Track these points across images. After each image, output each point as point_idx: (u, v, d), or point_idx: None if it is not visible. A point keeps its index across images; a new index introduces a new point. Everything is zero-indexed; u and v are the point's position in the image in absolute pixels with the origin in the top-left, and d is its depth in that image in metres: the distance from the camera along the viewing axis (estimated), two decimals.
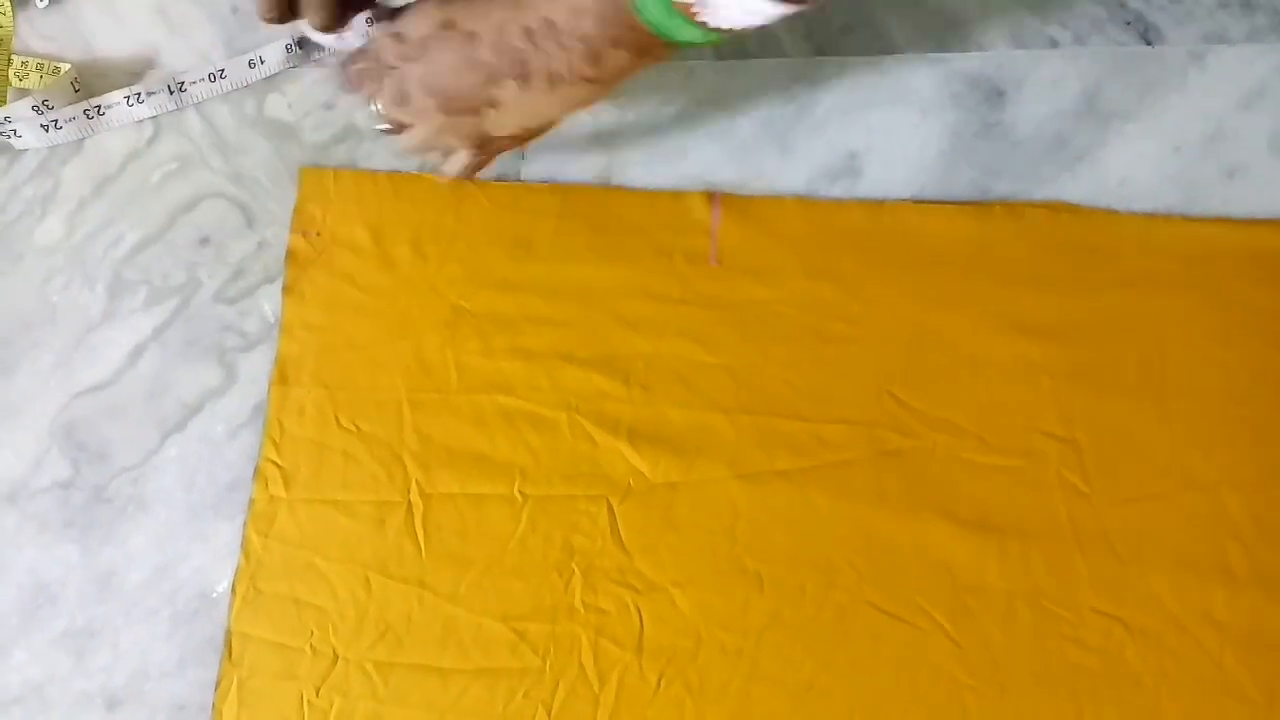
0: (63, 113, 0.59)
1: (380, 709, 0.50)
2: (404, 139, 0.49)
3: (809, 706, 0.48)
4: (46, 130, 0.59)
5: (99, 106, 0.59)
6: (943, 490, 0.49)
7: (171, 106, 0.59)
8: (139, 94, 0.59)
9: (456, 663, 0.50)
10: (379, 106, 0.49)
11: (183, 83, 0.59)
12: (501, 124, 0.46)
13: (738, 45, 0.55)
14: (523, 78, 0.44)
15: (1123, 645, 0.46)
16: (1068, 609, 0.47)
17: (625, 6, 0.40)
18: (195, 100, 0.60)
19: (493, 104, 0.45)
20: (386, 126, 0.49)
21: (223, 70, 0.59)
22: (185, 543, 0.54)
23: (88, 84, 0.60)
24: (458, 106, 0.46)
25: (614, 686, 0.49)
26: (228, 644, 0.52)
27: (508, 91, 0.45)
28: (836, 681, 0.48)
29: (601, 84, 0.43)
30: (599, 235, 0.54)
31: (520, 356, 0.53)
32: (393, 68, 0.47)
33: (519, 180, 0.56)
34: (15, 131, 0.58)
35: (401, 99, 0.48)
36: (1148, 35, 0.52)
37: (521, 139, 0.49)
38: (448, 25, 0.45)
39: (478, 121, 0.46)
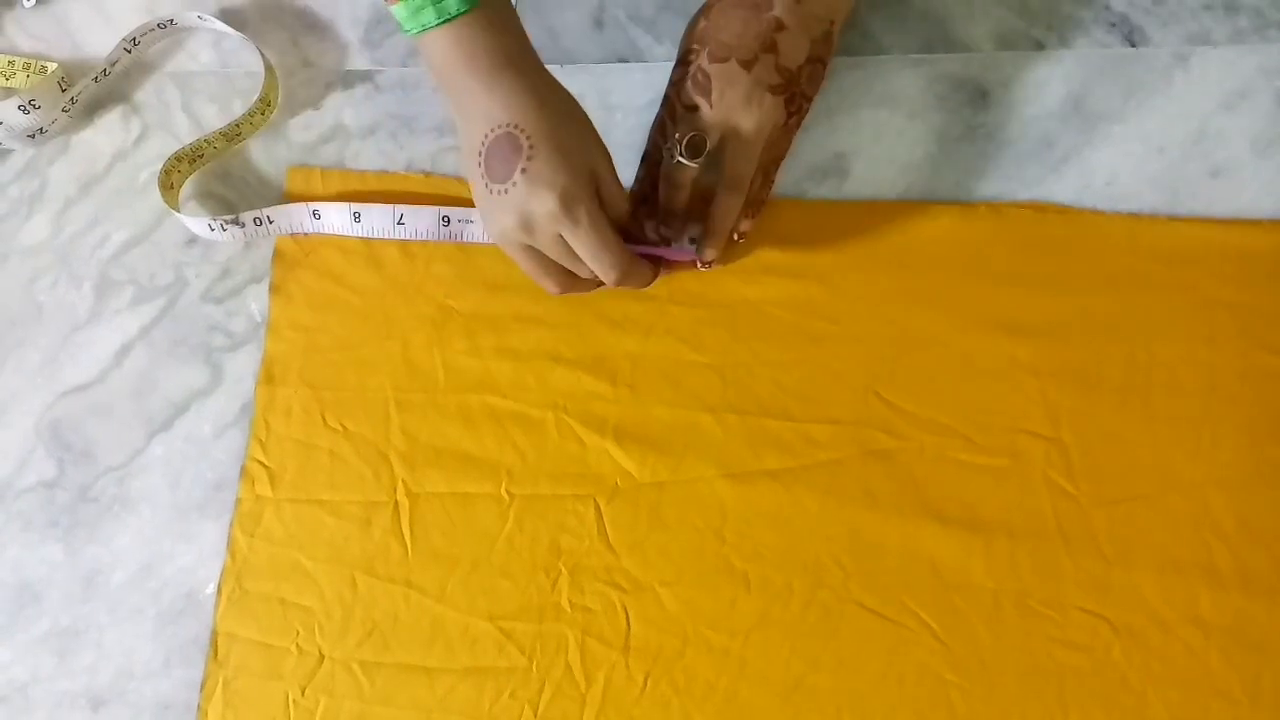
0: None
1: (366, 709, 0.50)
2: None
3: (796, 705, 0.47)
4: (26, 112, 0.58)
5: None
6: (929, 490, 0.49)
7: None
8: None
9: (443, 662, 0.50)
10: (679, 134, 0.48)
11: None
12: (795, 45, 0.48)
13: None
14: None
15: (1109, 644, 0.46)
16: (1054, 608, 0.47)
17: None
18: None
19: (778, 27, 0.48)
20: (695, 144, 0.48)
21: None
22: (171, 542, 0.54)
23: (75, 83, 0.60)
24: (750, 50, 0.47)
25: (601, 686, 0.49)
26: (213, 644, 0.52)
27: (784, 6, 0.48)
28: (823, 680, 0.48)
29: None
30: None
31: (507, 356, 0.53)
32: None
33: None
34: None
35: (699, 86, 0.48)
36: (1132, 37, 0.52)
37: (817, 63, 0.49)
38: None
39: (775, 59, 0.48)
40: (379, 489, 0.53)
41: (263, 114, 0.58)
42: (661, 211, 0.51)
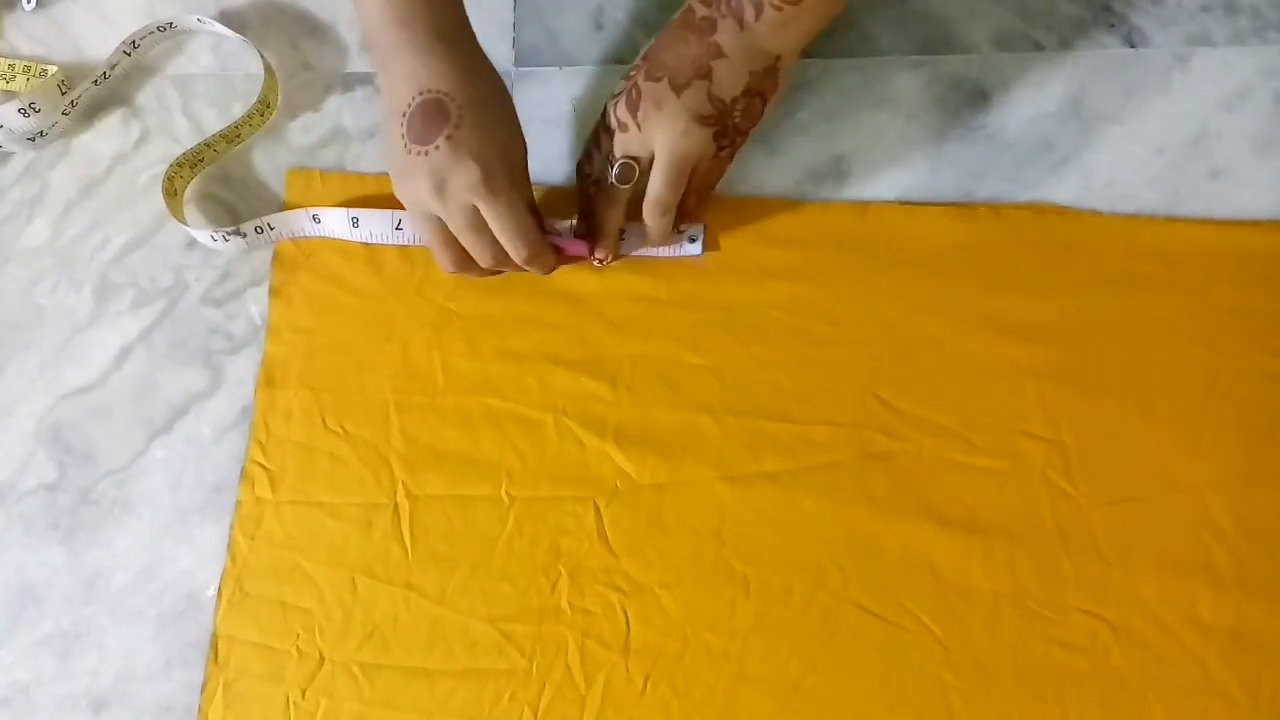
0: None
1: (366, 711, 0.50)
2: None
3: (795, 707, 0.48)
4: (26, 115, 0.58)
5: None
6: (928, 492, 0.49)
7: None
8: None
9: (443, 664, 0.50)
10: (615, 151, 0.49)
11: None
12: (732, 75, 0.47)
13: None
14: (737, 18, 0.46)
15: (1107, 646, 0.46)
16: (1053, 610, 0.47)
17: None
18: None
19: (718, 54, 0.46)
20: (625, 171, 0.49)
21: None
22: (171, 545, 0.54)
23: (75, 87, 0.60)
24: (685, 74, 0.47)
25: (600, 687, 0.49)
26: (213, 646, 0.52)
27: (727, 34, 0.46)
28: (823, 682, 0.48)
29: (806, 6, 0.45)
30: None
31: (507, 358, 0.53)
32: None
33: None
34: None
35: (630, 103, 0.48)
36: (1131, 38, 0.52)
37: (755, 98, 0.48)
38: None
39: (708, 86, 0.47)
40: (379, 491, 0.53)
41: (262, 115, 0.58)
42: (592, 222, 0.51)
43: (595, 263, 0.52)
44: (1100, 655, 0.46)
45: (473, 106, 0.46)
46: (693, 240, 0.53)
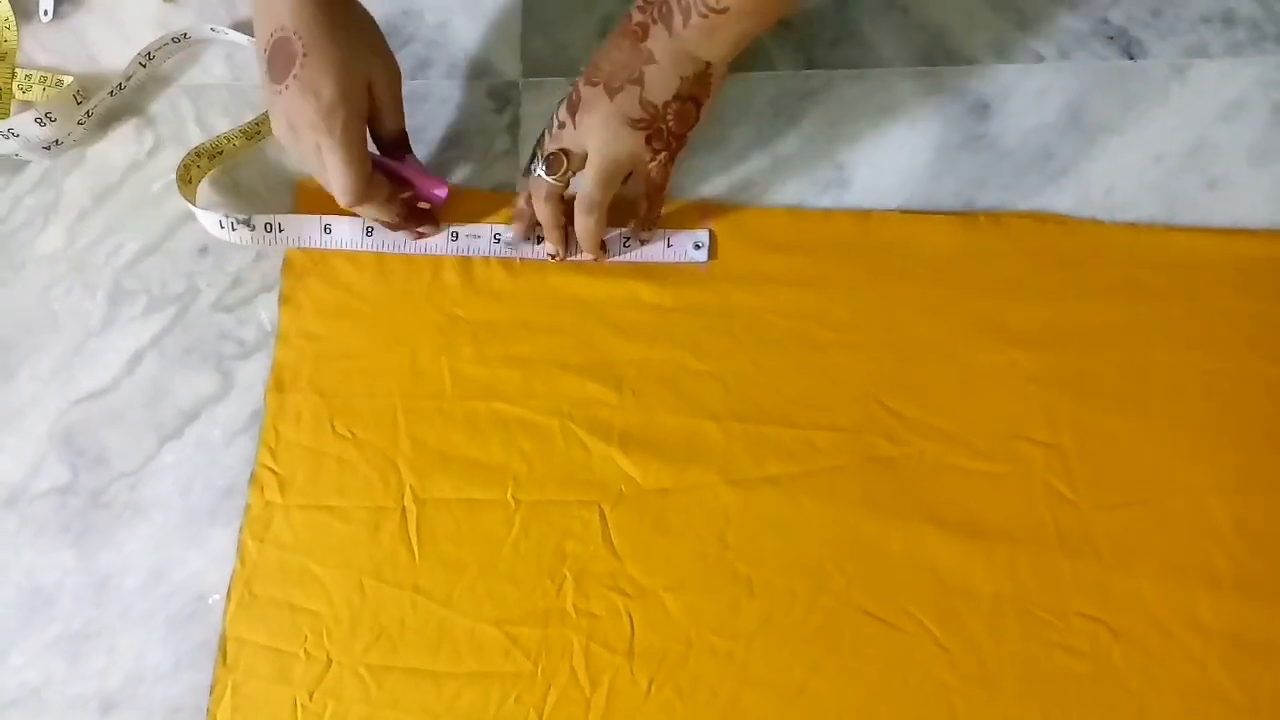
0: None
1: (374, 713, 0.51)
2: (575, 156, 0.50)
3: (799, 710, 0.48)
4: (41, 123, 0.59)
5: None
6: (931, 496, 0.49)
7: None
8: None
9: (450, 667, 0.51)
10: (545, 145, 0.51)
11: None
12: (663, 80, 0.48)
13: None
14: (667, 25, 0.47)
15: (1109, 649, 0.46)
16: (1054, 613, 0.47)
17: None
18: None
19: (649, 60, 0.47)
20: (552, 163, 0.50)
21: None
22: (181, 548, 0.55)
23: (91, 97, 0.61)
24: (620, 79, 0.48)
25: (605, 690, 0.49)
26: (222, 648, 0.53)
27: (659, 40, 0.47)
28: (826, 685, 0.48)
29: (732, 14, 0.45)
30: None
31: (513, 364, 0.54)
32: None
33: (514, 191, 0.57)
34: (12, 130, 0.59)
35: (570, 105, 0.49)
36: (1130, 50, 0.53)
37: (688, 102, 0.49)
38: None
39: (640, 91, 0.48)
40: (387, 495, 0.53)
41: None
42: (530, 221, 0.53)
43: (550, 258, 0.54)
44: (1101, 658, 0.46)
45: (318, 42, 0.47)
46: (698, 247, 0.53)
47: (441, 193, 0.54)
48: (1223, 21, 0.52)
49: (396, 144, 0.53)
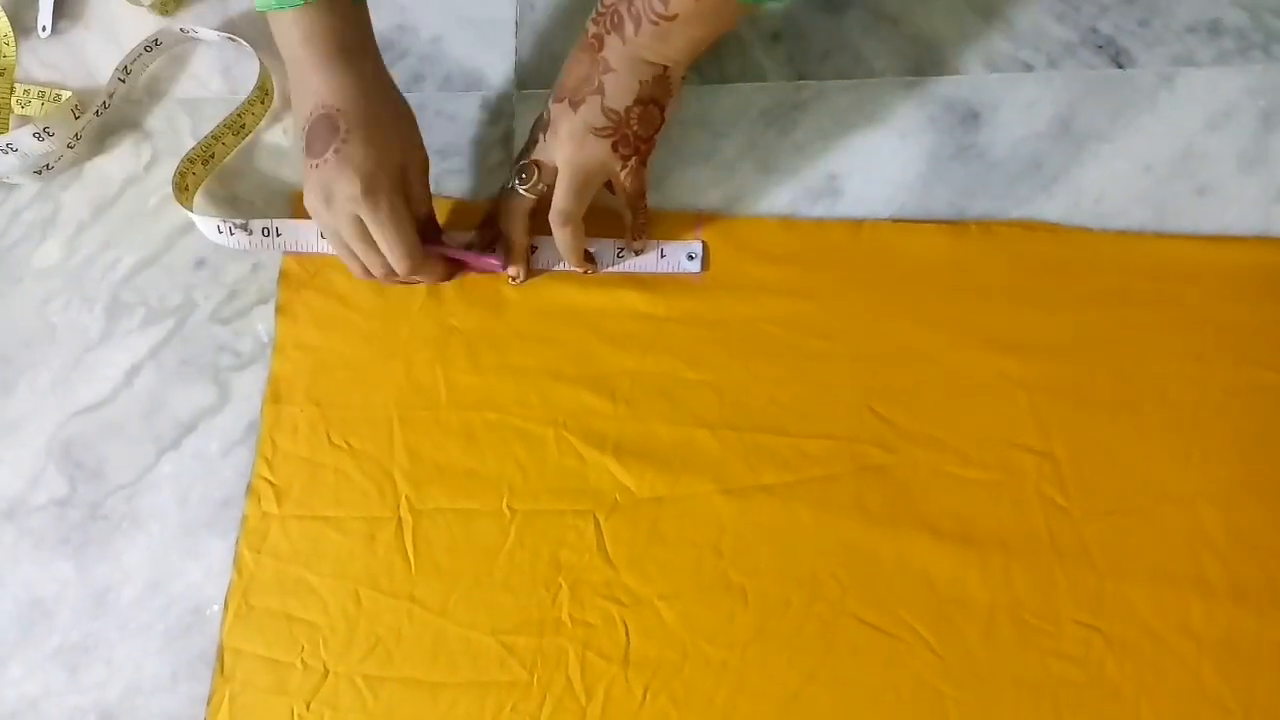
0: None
1: None
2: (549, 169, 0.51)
3: (793, 717, 0.48)
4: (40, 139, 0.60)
5: None
6: (924, 504, 0.49)
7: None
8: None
9: (446, 676, 0.51)
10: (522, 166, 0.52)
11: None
12: (622, 87, 0.49)
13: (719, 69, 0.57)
14: (620, 33, 0.48)
15: (1102, 656, 0.47)
16: (1048, 621, 0.47)
17: None
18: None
19: (607, 69, 0.49)
20: (523, 173, 0.51)
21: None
22: (179, 559, 0.55)
23: (86, 111, 0.61)
24: (582, 91, 0.49)
25: (600, 699, 0.49)
26: (220, 659, 0.53)
27: (614, 49, 0.48)
28: (821, 693, 0.48)
29: (680, 20, 0.46)
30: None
31: (509, 374, 0.54)
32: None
33: None
34: (10, 145, 0.59)
35: (542, 124, 0.51)
36: (1119, 59, 0.53)
37: (650, 105, 0.50)
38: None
39: (601, 100, 0.49)
40: (383, 505, 0.54)
41: (262, 103, 0.60)
42: (496, 232, 0.54)
43: (510, 280, 0.54)
44: (1095, 665, 0.47)
45: (362, 122, 0.49)
46: (691, 258, 0.54)
47: (497, 264, 0.54)
48: (1209, 31, 0.53)
49: (425, 228, 0.53)
